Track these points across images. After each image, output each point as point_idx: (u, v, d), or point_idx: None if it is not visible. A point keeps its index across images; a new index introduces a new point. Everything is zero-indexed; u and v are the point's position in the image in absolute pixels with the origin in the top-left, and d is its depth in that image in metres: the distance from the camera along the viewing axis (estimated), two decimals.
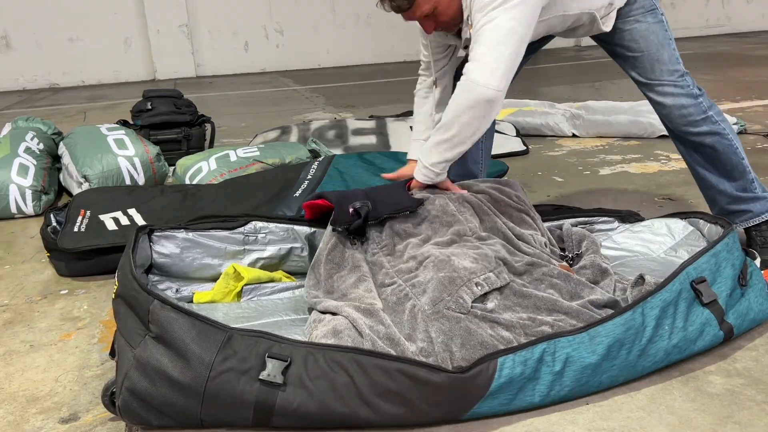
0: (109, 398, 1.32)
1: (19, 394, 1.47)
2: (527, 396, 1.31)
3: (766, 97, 4.70)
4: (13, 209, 2.76)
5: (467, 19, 1.72)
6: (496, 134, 3.47)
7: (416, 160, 1.88)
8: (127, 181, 2.86)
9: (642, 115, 3.75)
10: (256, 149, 2.94)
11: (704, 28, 10.71)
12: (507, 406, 1.30)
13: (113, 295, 1.45)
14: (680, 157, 3.21)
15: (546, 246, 1.78)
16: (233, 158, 2.85)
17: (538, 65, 7.66)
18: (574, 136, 3.85)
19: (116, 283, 1.45)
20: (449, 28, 1.81)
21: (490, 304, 1.50)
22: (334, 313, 1.52)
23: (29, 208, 2.78)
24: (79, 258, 2.10)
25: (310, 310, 1.64)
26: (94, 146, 2.92)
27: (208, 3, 8.37)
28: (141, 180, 2.91)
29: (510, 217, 1.83)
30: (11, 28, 7.81)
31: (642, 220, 2.05)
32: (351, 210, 1.70)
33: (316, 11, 8.81)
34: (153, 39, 8.18)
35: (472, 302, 1.48)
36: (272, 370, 1.26)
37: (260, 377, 1.25)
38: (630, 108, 3.88)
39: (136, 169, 2.89)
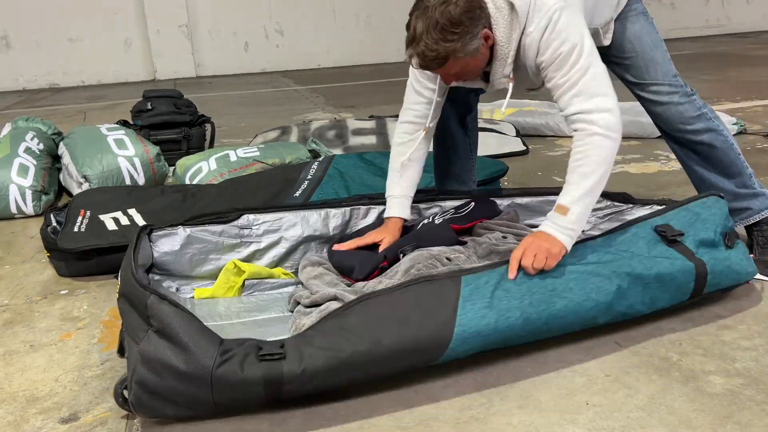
0: (122, 397, 1.33)
1: (19, 394, 1.47)
2: (504, 300, 1.43)
3: (766, 97, 4.70)
4: (13, 209, 2.76)
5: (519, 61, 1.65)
6: (495, 134, 3.48)
7: (396, 218, 1.87)
8: (127, 181, 2.87)
9: (643, 115, 3.69)
10: (256, 149, 2.94)
11: (704, 28, 10.70)
12: (490, 309, 1.42)
13: (117, 295, 1.46)
14: None
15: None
16: (233, 158, 2.84)
17: None
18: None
19: (119, 282, 1.46)
20: (469, 80, 1.74)
21: None
22: (318, 304, 1.62)
23: (29, 208, 2.78)
24: (79, 258, 2.10)
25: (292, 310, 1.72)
26: (93, 146, 2.92)
27: (208, 3, 8.36)
28: (141, 180, 2.91)
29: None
30: (11, 28, 7.81)
31: (632, 200, 2.08)
32: (401, 255, 1.77)
33: (316, 11, 8.80)
34: (153, 39, 8.17)
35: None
36: (270, 348, 1.32)
37: (260, 354, 1.30)
38: (630, 108, 3.86)
39: (136, 169, 2.89)
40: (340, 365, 1.31)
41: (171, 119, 3.55)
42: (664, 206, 1.77)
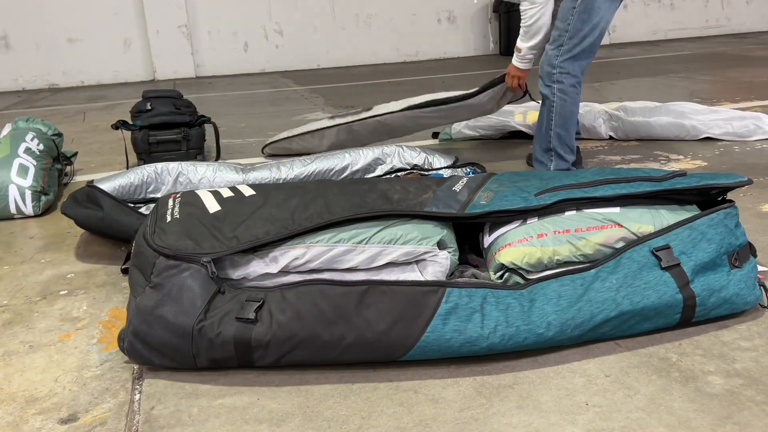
0: (123, 342, 1.51)
1: (19, 394, 1.47)
2: (477, 327, 1.43)
3: (766, 97, 4.70)
4: (13, 210, 2.76)
5: None
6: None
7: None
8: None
9: (684, 116, 3.54)
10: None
11: (704, 29, 10.70)
12: (460, 335, 1.43)
13: (122, 265, 1.71)
14: (680, 157, 3.23)
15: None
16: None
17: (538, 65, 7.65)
18: (611, 139, 3.63)
19: (133, 246, 1.66)
20: None
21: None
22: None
23: (29, 209, 2.78)
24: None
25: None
26: None
27: (207, 3, 8.36)
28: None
29: None
30: (11, 28, 7.81)
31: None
32: None
33: (316, 11, 8.80)
34: (153, 39, 8.17)
35: None
36: (246, 310, 1.44)
37: (237, 316, 1.44)
38: (670, 108, 3.62)
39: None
40: (301, 343, 1.42)
41: (170, 119, 3.54)
42: (668, 226, 1.65)
